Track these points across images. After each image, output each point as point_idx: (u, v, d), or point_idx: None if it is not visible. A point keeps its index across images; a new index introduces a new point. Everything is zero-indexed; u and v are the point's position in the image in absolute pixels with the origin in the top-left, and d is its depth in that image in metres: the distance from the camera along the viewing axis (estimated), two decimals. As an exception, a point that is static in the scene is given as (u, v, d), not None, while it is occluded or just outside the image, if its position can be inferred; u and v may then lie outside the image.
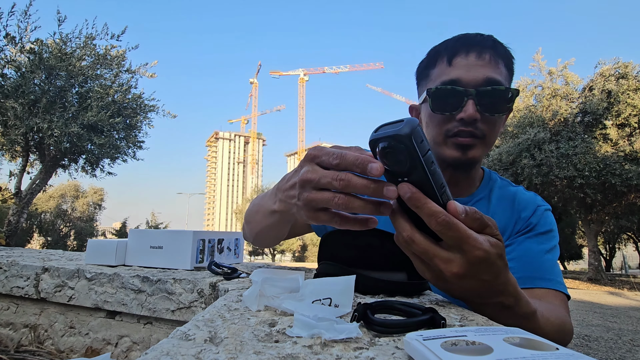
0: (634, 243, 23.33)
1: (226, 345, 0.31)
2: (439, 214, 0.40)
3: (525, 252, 0.79)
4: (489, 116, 0.77)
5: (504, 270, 0.47)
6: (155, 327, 0.88)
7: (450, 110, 0.77)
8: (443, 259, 0.43)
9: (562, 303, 0.76)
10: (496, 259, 0.44)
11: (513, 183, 0.94)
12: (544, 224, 0.83)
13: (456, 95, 0.76)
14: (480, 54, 0.77)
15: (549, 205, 0.89)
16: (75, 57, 8.59)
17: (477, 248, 0.42)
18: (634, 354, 3.65)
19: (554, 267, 0.79)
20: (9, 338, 1.00)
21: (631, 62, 10.88)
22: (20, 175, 9.35)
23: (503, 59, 0.79)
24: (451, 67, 0.78)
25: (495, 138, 0.81)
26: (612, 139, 10.61)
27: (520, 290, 0.53)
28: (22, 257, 1.17)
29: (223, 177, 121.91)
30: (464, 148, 0.78)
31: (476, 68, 0.76)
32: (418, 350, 0.27)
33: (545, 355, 0.25)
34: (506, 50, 0.81)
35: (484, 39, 0.79)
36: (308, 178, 0.44)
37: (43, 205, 22.77)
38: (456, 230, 0.41)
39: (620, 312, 6.16)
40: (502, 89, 0.76)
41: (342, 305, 0.43)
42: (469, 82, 0.76)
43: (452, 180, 0.87)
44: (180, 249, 0.96)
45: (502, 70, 0.78)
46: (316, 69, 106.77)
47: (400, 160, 0.40)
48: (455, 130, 0.77)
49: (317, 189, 0.44)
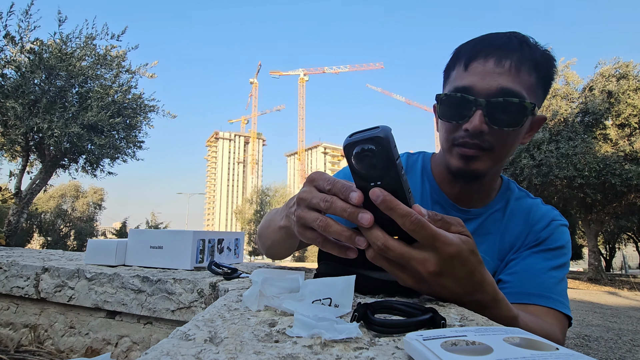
0: (634, 243, 23.33)
1: (226, 345, 0.31)
2: (412, 213, 0.42)
3: (527, 268, 0.76)
4: (498, 130, 0.71)
5: (479, 267, 0.48)
6: (155, 327, 0.88)
7: (457, 119, 0.73)
8: (419, 260, 0.44)
9: (558, 323, 0.71)
10: (469, 255, 0.46)
11: (531, 195, 0.90)
12: (556, 239, 0.80)
13: (465, 104, 0.72)
14: (501, 59, 0.71)
15: (566, 221, 0.84)
16: (76, 57, 8.60)
17: (449, 244, 0.44)
18: (634, 354, 3.66)
19: (558, 286, 0.75)
20: (9, 338, 1.00)
21: (631, 62, 10.90)
22: (20, 175, 9.36)
23: (532, 64, 0.72)
24: (467, 72, 0.73)
25: (507, 151, 0.75)
26: (612, 139, 10.62)
27: (501, 293, 0.53)
28: (22, 257, 1.17)
29: (223, 177, 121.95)
30: (468, 159, 0.74)
31: (492, 76, 0.70)
32: (418, 350, 0.27)
33: (545, 355, 0.25)
34: (540, 52, 0.73)
35: (509, 40, 0.72)
36: (303, 197, 0.49)
37: (43, 205, 22.78)
38: (428, 228, 0.43)
39: (620, 312, 6.16)
40: (515, 101, 0.69)
41: (342, 305, 0.43)
42: (481, 91, 0.70)
43: (465, 192, 0.84)
44: (180, 249, 0.96)
45: (525, 79, 0.71)
46: (316, 69, 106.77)
47: (374, 164, 0.41)
48: (461, 140, 0.74)
49: (309, 208, 0.49)
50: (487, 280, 0.50)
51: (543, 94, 0.77)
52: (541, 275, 0.75)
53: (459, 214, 0.84)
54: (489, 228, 0.83)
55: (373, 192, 0.42)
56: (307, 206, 0.49)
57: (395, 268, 0.47)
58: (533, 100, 0.73)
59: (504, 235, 0.83)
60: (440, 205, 0.86)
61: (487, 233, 0.83)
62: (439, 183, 0.88)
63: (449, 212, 0.85)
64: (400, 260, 0.45)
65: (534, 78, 0.72)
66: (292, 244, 0.71)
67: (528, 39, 0.74)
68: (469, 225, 0.83)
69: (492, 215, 0.84)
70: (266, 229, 0.77)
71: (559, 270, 0.77)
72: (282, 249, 0.75)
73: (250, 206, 35.63)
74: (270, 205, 34.27)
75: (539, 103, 0.76)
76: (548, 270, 0.76)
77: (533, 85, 0.73)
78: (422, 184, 0.89)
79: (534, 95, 0.73)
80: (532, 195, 0.90)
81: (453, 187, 0.85)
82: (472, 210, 0.85)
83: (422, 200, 0.88)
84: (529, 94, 0.72)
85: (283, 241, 0.69)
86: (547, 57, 0.75)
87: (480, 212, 0.84)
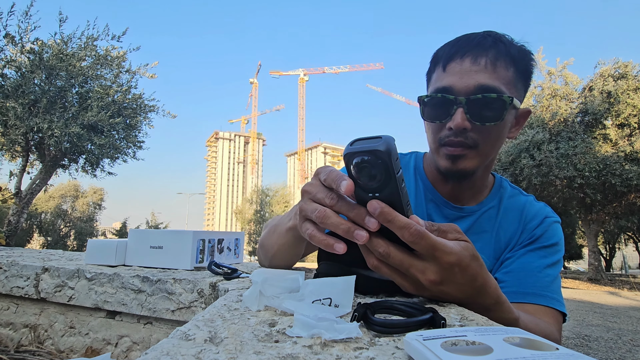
0: (634, 243, 23.33)
1: (226, 345, 0.31)
2: (411, 225, 0.42)
3: (523, 266, 0.77)
4: (480, 125, 0.73)
5: (481, 271, 0.48)
6: (155, 327, 0.88)
7: (441, 119, 0.76)
8: (418, 268, 0.44)
9: (554, 321, 0.73)
10: (470, 261, 0.45)
11: (524, 192, 0.91)
12: (550, 236, 0.81)
13: (446, 103, 0.74)
14: (477, 58, 0.73)
15: (558, 217, 0.86)
16: (76, 58, 8.59)
17: (448, 253, 0.44)
18: (634, 354, 3.66)
19: (553, 284, 0.77)
20: (9, 338, 1.00)
21: (631, 62, 10.90)
22: (20, 175, 9.36)
23: (508, 59, 0.74)
24: (445, 73, 0.76)
25: (492, 147, 0.77)
26: (612, 139, 10.62)
27: (503, 295, 0.53)
28: (22, 257, 1.17)
29: (223, 177, 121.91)
30: (455, 159, 0.76)
31: (469, 74, 0.73)
32: (418, 350, 0.27)
33: (545, 355, 0.25)
34: (515, 48, 0.76)
35: (484, 39, 0.75)
36: (306, 189, 0.50)
37: (43, 205, 22.78)
38: (428, 239, 0.42)
39: (620, 312, 6.16)
40: (493, 96, 0.71)
41: (342, 305, 0.43)
42: (460, 89, 0.73)
43: (457, 190, 0.85)
44: (180, 249, 0.96)
45: (502, 74, 0.73)
46: (316, 69, 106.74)
47: (374, 176, 0.41)
48: (447, 140, 0.76)
49: (313, 200, 0.48)
50: (489, 283, 0.49)
51: (524, 87, 0.80)
52: (537, 273, 0.76)
53: (453, 211, 0.86)
54: (484, 226, 0.85)
55: (371, 204, 0.42)
56: (311, 198, 0.49)
57: (396, 275, 0.47)
58: (513, 94, 0.75)
59: (498, 233, 0.84)
60: (435, 204, 0.88)
61: (482, 231, 0.84)
62: (431, 182, 0.90)
63: (443, 210, 0.87)
64: (400, 268, 0.45)
65: (511, 73, 0.74)
66: (299, 249, 0.68)
67: (502, 36, 0.77)
68: (463, 222, 0.85)
69: (486, 213, 0.86)
70: (271, 235, 0.73)
71: (553, 267, 0.78)
72: (288, 254, 0.71)
73: (250, 206, 35.62)
74: (270, 205, 34.26)
75: (520, 96, 0.78)
76: (543, 269, 0.77)
77: (511, 80, 0.75)
78: (416, 183, 0.91)
79: (513, 89, 0.75)
80: (525, 193, 0.91)
81: (445, 186, 0.87)
82: (466, 208, 0.86)
83: (417, 199, 0.89)
84: (508, 88, 0.74)
85: (290, 246, 0.66)
86: (523, 52, 0.77)
87: (474, 210, 0.86)
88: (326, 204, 0.46)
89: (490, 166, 0.86)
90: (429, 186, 0.89)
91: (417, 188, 0.91)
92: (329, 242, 0.46)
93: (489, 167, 0.85)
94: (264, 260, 0.80)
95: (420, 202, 0.89)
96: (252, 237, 32.18)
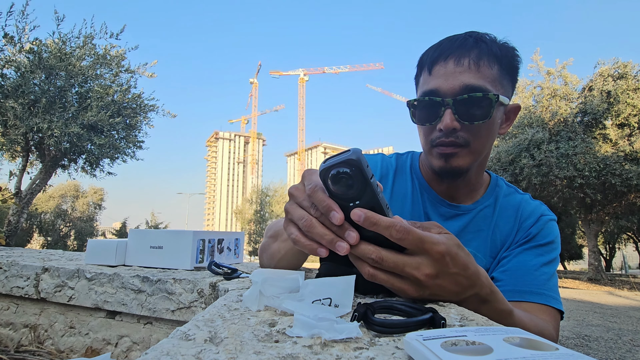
0: (634, 243, 23.34)
1: (226, 345, 0.31)
2: (395, 223, 0.43)
3: (519, 265, 0.78)
4: (469, 124, 0.75)
5: (470, 260, 0.49)
6: (155, 327, 0.88)
7: (430, 121, 0.77)
8: (413, 265, 0.45)
9: (551, 318, 0.73)
10: (457, 249, 0.47)
11: (520, 190, 0.92)
12: (545, 235, 0.82)
13: (434, 105, 0.76)
14: (460, 59, 0.75)
15: (554, 215, 0.87)
16: (75, 57, 8.59)
17: (436, 243, 0.45)
18: (634, 354, 3.66)
19: (549, 281, 0.77)
20: (9, 338, 1.00)
21: (630, 62, 10.90)
22: (20, 175, 9.35)
23: (491, 58, 0.75)
24: (431, 76, 0.77)
25: (483, 144, 0.78)
26: (612, 139, 10.62)
27: (494, 285, 0.54)
28: (22, 257, 1.16)
29: (223, 177, 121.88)
30: (447, 157, 0.78)
31: (454, 75, 0.74)
32: (418, 350, 0.27)
33: (545, 355, 0.25)
34: (497, 46, 0.77)
35: (466, 40, 0.76)
36: (293, 193, 0.50)
37: (43, 205, 22.77)
38: (414, 233, 0.44)
39: (620, 312, 6.16)
40: (479, 95, 0.72)
41: (342, 305, 0.43)
42: (447, 91, 0.74)
43: (452, 188, 0.86)
44: (180, 249, 0.96)
45: (486, 72, 0.74)
46: (316, 69, 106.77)
47: (351, 185, 0.43)
48: (438, 141, 0.77)
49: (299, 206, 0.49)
50: (480, 272, 0.51)
51: (511, 83, 0.81)
52: (533, 272, 0.77)
53: (450, 209, 0.87)
54: (480, 224, 0.85)
55: (354, 212, 0.43)
56: (298, 203, 0.49)
57: (394, 279, 0.47)
58: (499, 92, 0.76)
59: (495, 232, 0.85)
60: (431, 202, 0.89)
61: (479, 230, 0.85)
62: (427, 181, 0.91)
63: (439, 208, 0.88)
64: (395, 270, 0.45)
65: (496, 70, 0.76)
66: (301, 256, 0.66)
67: (484, 36, 0.78)
68: (459, 220, 0.86)
69: (482, 212, 0.86)
70: (274, 240, 0.71)
71: (549, 265, 0.79)
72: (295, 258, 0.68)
73: (250, 206, 35.61)
74: (270, 205, 34.23)
75: (507, 93, 0.79)
76: (540, 267, 0.78)
77: (496, 77, 0.76)
78: (412, 182, 0.93)
79: (499, 86, 0.76)
80: (521, 191, 0.92)
81: (440, 185, 0.88)
82: (462, 206, 0.87)
83: (413, 197, 0.90)
84: (494, 86, 0.75)
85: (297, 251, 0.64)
86: (506, 48, 0.78)
87: (470, 208, 0.86)
88: (311, 214, 0.47)
89: (484, 164, 0.87)
90: (425, 185, 0.91)
91: (413, 187, 0.92)
92: (313, 246, 0.46)
93: (483, 164, 0.86)
94: (268, 265, 0.78)
95: (417, 200, 0.90)
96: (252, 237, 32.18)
